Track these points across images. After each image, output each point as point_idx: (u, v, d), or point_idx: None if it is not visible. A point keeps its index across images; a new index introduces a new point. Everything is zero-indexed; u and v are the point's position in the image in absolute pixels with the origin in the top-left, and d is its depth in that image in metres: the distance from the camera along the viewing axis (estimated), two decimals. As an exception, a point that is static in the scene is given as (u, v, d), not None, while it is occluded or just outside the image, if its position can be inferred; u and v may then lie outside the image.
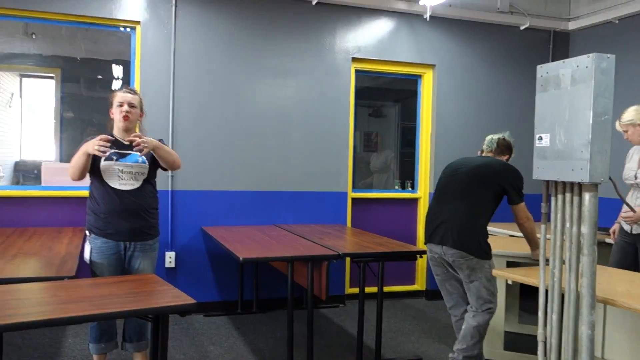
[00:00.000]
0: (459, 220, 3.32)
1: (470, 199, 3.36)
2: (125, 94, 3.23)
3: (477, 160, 3.55)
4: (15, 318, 2.00)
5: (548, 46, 5.98)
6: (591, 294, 2.32)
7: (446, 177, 3.56)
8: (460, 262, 3.30)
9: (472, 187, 3.38)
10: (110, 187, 3.13)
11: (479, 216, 3.34)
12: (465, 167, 3.48)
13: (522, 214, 3.39)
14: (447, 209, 3.39)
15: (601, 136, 2.29)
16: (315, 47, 5.19)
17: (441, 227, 3.37)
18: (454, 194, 3.41)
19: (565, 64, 2.41)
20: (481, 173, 3.42)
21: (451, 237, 3.30)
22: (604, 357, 3.09)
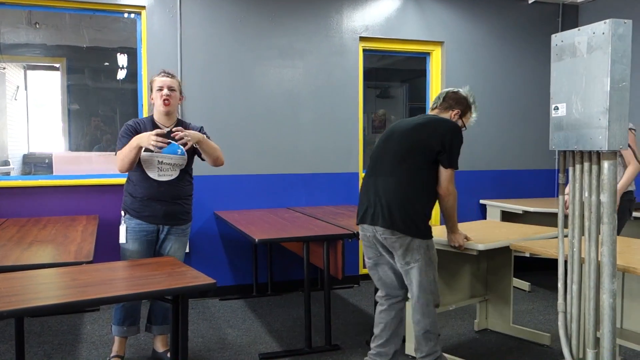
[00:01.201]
0: (392, 196, 2.81)
1: (404, 170, 2.82)
2: (164, 77, 3.23)
3: (413, 121, 2.96)
4: (37, 302, 2.00)
5: (557, 19, 5.91)
6: (612, 262, 2.30)
7: (378, 146, 3.00)
8: (392, 240, 2.81)
9: (406, 155, 2.83)
10: (146, 176, 3.17)
11: (417, 190, 2.82)
12: (398, 132, 2.92)
13: (447, 184, 2.85)
14: (379, 183, 2.87)
15: (619, 103, 2.25)
16: (323, 27, 5.14)
17: (372, 206, 2.87)
18: (386, 166, 2.88)
19: (581, 31, 2.37)
20: (415, 137, 2.85)
21: (382, 216, 2.81)
22: (622, 327, 3.08)
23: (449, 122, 2.92)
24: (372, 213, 2.86)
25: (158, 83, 3.21)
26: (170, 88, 3.21)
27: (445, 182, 2.84)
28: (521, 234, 3.45)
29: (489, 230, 3.65)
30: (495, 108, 5.75)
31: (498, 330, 3.93)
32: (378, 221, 2.83)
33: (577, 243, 2.50)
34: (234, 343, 3.78)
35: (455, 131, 2.88)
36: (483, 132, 5.71)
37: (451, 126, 2.89)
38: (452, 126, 2.90)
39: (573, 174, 2.49)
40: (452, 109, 3.06)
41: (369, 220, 2.88)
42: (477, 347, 3.72)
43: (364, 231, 2.96)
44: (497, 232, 3.57)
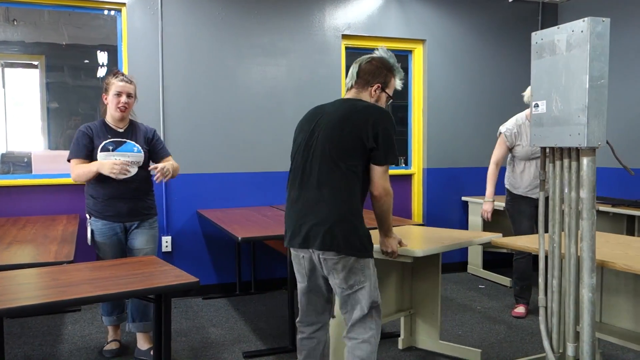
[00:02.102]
0: (328, 211, 2.36)
1: (338, 177, 2.37)
2: (124, 83, 3.25)
3: (333, 114, 2.45)
4: (17, 302, 1.97)
5: (537, 17, 5.97)
6: (591, 257, 2.33)
7: (299, 151, 2.51)
8: (334, 261, 2.37)
9: (337, 159, 2.37)
10: (104, 175, 3.17)
11: (352, 201, 2.38)
12: (320, 132, 2.44)
13: (383, 182, 2.40)
14: (309, 196, 2.41)
15: (598, 100, 2.29)
16: (305, 24, 5.14)
17: (304, 225, 2.41)
18: (314, 175, 2.41)
19: (561, 29, 2.40)
20: (344, 135, 2.37)
21: (319, 236, 2.36)
22: (602, 321, 3.13)
23: (376, 109, 2.41)
24: (305, 233, 2.39)
25: (117, 88, 3.23)
26: (128, 95, 3.26)
27: (380, 180, 2.38)
28: (453, 239, 3.10)
29: (417, 235, 3.28)
30: (477, 105, 5.80)
31: (425, 348, 3.60)
32: (315, 243, 2.36)
33: (557, 238, 2.53)
34: (218, 342, 3.77)
35: (386, 119, 2.39)
36: (464, 129, 5.75)
37: (380, 114, 2.39)
38: (381, 114, 2.39)
39: (553, 170, 2.52)
40: (371, 84, 2.54)
41: (299, 242, 2.42)
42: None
43: (297, 253, 2.50)
44: (427, 237, 3.19)
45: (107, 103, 3.27)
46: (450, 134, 5.71)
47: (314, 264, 2.46)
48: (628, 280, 3.01)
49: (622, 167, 2.48)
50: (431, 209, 5.67)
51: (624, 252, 2.69)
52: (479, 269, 5.53)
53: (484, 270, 5.48)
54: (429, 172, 5.65)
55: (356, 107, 2.43)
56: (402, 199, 5.73)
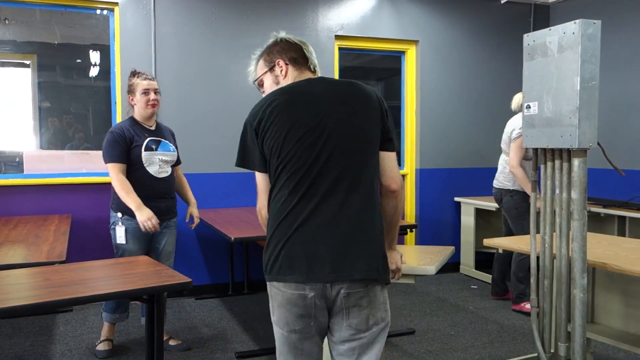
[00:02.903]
0: (367, 229, 1.77)
1: (367, 180, 1.80)
2: (148, 81, 3.36)
3: (336, 97, 1.84)
4: (8, 302, 1.96)
5: (529, 19, 6.00)
6: (583, 258, 2.35)
7: (300, 147, 1.76)
8: (360, 294, 1.75)
9: (365, 156, 1.80)
10: (149, 174, 3.30)
11: (378, 205, 1.86)
12: (332, 120, 1.78)
13: (398, 173, 1.90)
14: (336, 209, 1.74)
15: (589, 102, 2.31)
16: (298, 25, 5.14)
17: (336, 249, 1.72)
18: (341, 179, 1.75)
19: (552, 31, 2.42)
20: (363, 123, 1.82)
21: (360, 262, 1.73)
22: (593, 322, 3.15)
23: (369, 87, 1.92)
24: (336, 260, 1.71)
25: (143, 86, 3.33)
26: (156, 91, 3.38)
27: (396, 170, 1.90)
28: (435, 253, 2.73)
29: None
30: (469, 106, 5.82)
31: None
32: (354, 272, 1.72)
33: (548, 239, 2.55)
34: (210, 342, 3.76)
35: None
36: (457, 129, 5.77)
37: (376, 91, 1.93)
38: (377, 91, 1.94)
39: (545, 171, 2.54)
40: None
41: (330, 273, 1.71)
42: None
43: (302, 292, 1.74)
44: (410, 254, 2.73)
45: (135, 103, 3.37)
46: (442, 135, 5.72)
47: (326, 302, 1.76)
48: (619, 281, 3.03)
49: (613, 168, 2.50)
50: (424, 210, 5.69)
51: (615, 252, 2.71)
52: (471, 270, 5.55)
53: (476, 271, 5.50)
54: (421, 172, 5.66)
55: (348, 85, 1.89)
56: (395, 200, 5.74)
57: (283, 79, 2.02)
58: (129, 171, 3.27)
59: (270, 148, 1.80)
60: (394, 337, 3.81)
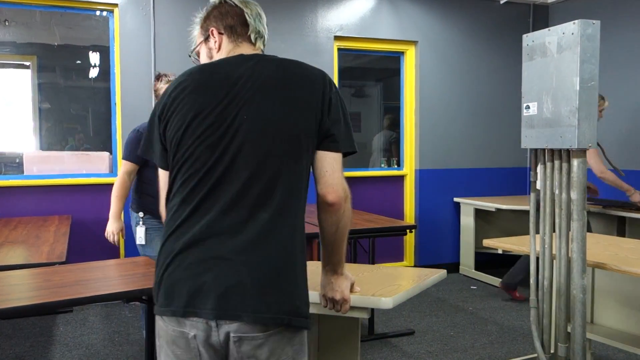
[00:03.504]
0: (268, 250, 1.36)
1: (282, 193, 1.39)
2: None
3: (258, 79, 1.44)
4: (8, 303, 1.96)
5: (528, 19, 6.01)
6: (582, 258, 2.35)
7: (201, 144, 1.40)
8: (259, 341, 1.35)
9: (282, 161, 1.40)
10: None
11: (301, 228, 1.45)
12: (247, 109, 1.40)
13: (340, 180, 1.49)
14: (233, 228, 1.36)
15: (588, 102, 2.31)
16: (297, 26, 5.15)
17: (224, 278, 1.33)
18: (244, 191, 1.37)
19: (551, 31, 2.42)
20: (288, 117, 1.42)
21: (249, 297, 1.33)
22: (593, 322, 3.15)
23: (315, 68, 1.52)
24: (222, 292, 1.32)
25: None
26: None
27: (338, 175, 1.47)
28: (408, 278, 2.13)
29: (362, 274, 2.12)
30: (468, 107, 5.82)
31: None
32: (242, 308, 1.32)
33: (548, 240, 2.55)
34: (210, 343, 3.76)
35: (333, 83, 1.52)
36: (456, 130, 5.78)
37: (328, 77, 1.52)
38: (328, 77, 1.52)
39: (544, 172, 2.54)
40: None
41: (215, 307, 1.32)
42: None
43: (184, 329, 1.37)
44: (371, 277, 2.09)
45: None
46: (442, 135, 5.73)
47: (215, 351, 1.37)
48: (619, 281, 3.03)
49: (613, 168, 2.50)
50: (423, 211, 5.69)
51: (614, 253, 2.71)
52: (471, 270, 5.56)
53: (476, 271, 5.50)
54: (421, 173, 5.67)
55: (289, 64, 1.50)
56: (394, 200, 5.75)
57: (217, 52, 1.61)
58: (150, 171, 3.15)
59: (170, 142, 1.44)
60: (393, 338, 3.81)
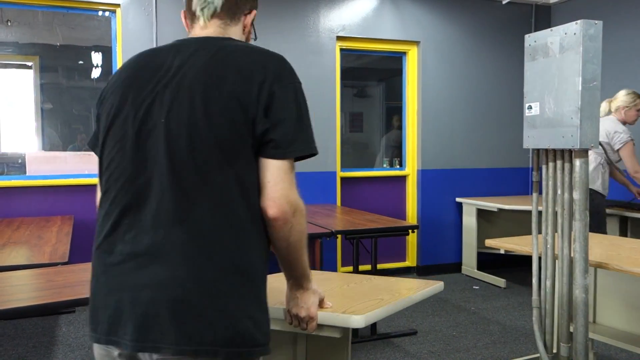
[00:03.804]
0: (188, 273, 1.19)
1: (204, 201, 1.20)
2: None
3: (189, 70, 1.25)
4: (11, 304, 1.96)
5: (530, 20, 6.00)
6: (584, 258, 2.35)
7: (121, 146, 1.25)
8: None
9: (203, 170, 1.20)
10: None
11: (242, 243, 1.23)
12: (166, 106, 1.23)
13: (283, 191, 1.25)
14: (150, 246, 1.20)
15: (590, 102, 2.30)
16: (300, 26, 5.15)
17: (142, 303, 1.18)
18: (161, 203, 1.20)
19: (554, 31, 2.42)
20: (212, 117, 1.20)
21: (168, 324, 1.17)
22: (595, 322, 3.15)
23: (270, 56, 1.33)
24: (142, 322, 1.18)
25: None
26: None
27: (281, 186, 1.24)
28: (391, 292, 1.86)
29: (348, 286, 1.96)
30: (471, 107, 5.82)
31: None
32: (162, 334, 1.17)
33: (550, 240, 2.55)
34: (212, 343, 3.76)
35: (291, 73, 1.32)
36: (459, 130, 5.78)
37: (280, 64, 1.31)
38: (281, 64, 1.32)
39: (547, 172, 2.54)
40: (243, 10, 1.52)
41: (128, 340, 1.19)
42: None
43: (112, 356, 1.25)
44: (361, 289, 1.92)
45: None
46: (444, 135, 5.72)
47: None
48: (621, 281, 3.03)
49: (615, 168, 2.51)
50: (425, 211, 5.68)
51: (616, 252, 2.71)
52: (473, 270, 5.55)
53: (478, 271, 5.50)
54: (423, 173, 5.67)
55: (230, 52, 1.29)
56: (396, 201, 5.75)
57: None
58: None
59: (100, 143, 1.31)
60: (396, 338, 3.81)
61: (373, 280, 2.07)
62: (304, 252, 1.36)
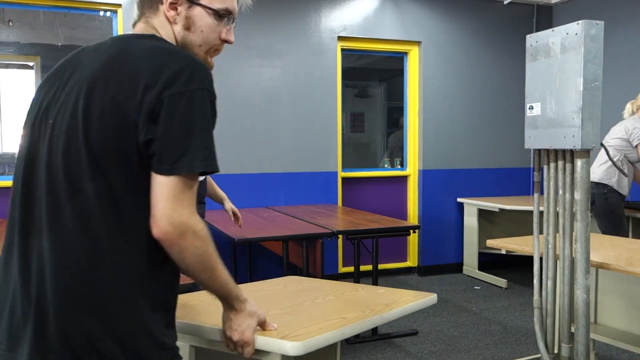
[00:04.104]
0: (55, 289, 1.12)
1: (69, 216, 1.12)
2: None
3: (84, 72, 1.17)
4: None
5: (531, 20, 6.00)
6: (586, 259, 2.35)
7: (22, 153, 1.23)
8: None
9: (73, 179, 1.12)
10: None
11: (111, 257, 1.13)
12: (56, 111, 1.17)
13: (168, 210, 1.13)
14: (21, 263, 1.17)
15: (592, 103, 2.30)
16: (301, 26, 5.15)
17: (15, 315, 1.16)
18: (38, 211, 1.16)
19: (555, 32, 2.41)
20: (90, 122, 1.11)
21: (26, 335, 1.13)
22: (597, 322, 3.15)
23: (161, 54, 1.17)
24: (12, 335, 1.16)
25: None
26: None
27: (170, 205, 1.13)
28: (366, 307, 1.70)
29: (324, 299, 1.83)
30: (472, 107, 5.82)
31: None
32: (19, 354, 1.14)
33: (551, 240, 2.55)
34: (214, 343, 3.76)
35: (192, 77, 1.16)
36: (460, 130, 5.77)
37: (180, 67, 1.15)
38: (180, 67, 1.15)
39: (548, 172, 2.54)
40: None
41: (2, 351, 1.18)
42: None
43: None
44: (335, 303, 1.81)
45: None
46: (445, 136, 5.72)
47: None
48: (622, 282, 3.02)
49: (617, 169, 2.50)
50: (427, 211, 5.68)
51: (618, 253, 2.71)
52: (474, 270, 5.55)
53: (479, 272, 5.49)
54: (424, 173, 5.66)
55: (131, 52, 1.18)
56: (397, 201, 5.75)
57: None
58: None
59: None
60: (397, 338, 3.81)
61: (357, 292, 1.93)
62: (214, 273, 1.28)
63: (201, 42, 1.31)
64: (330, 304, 1.79)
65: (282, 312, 1.64)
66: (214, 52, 1.38)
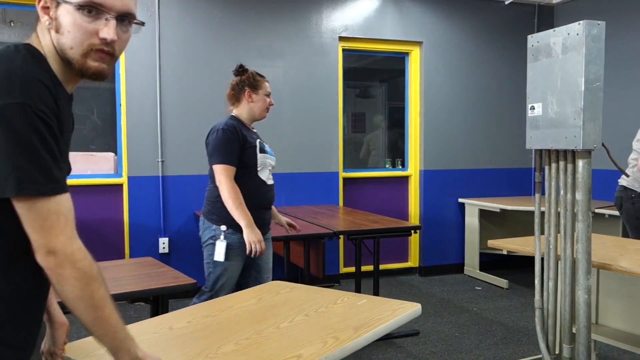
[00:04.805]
0: None
1: None
2: (269, 85, 3.04)
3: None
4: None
5: (533, 20, 6.00)
6: (587, 259, 2.35)
7: None
8: None
9: None
10: (261, 180, 2.89)
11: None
12: None
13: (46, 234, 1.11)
14: None
15: (593, 103, 2.30)
16: (302, 27, 5.15)
17: None
18: None
19: (556, 32, 2.42)
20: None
21: None
22: (598, 323, 3.14)
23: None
24: None
25: (267, 89, 3.02)
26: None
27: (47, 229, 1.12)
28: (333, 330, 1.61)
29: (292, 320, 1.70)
30: (473, 107, 5.82)
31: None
32: None
33: (553, 240, 2.55)
34: (215, 343, 3.76)
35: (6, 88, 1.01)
36: (461, 130, 5.77)
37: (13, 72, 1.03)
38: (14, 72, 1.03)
39: (549, 173, 2.54)
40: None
41: None
42: None
43: None
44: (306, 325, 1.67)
45: (254, 102, 3.00)
46: (446, 136, 5.72)
47: None
48: (624, 282, 3.02)
49: (618, 170, 2.49)
50: (428, 211, 5.68)
51: (619, 254, 2.70)
52: (475, 271, 5.55)
53: (480, 272, 5.49)
54: (425, 173, 5.66)
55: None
56: (399, 201, 5.75)
57: None
58: (239, 176, 2.81)
59: None
60: (398, 339, 3.81)
61: (334, 306, 1.83)
62: (98, 315, 1.10)
63: (71, 44, 1.10)
64: (293, 330, 1.61)
65: (234, 349, 1.45)
66: (97, 53, 1.13)
